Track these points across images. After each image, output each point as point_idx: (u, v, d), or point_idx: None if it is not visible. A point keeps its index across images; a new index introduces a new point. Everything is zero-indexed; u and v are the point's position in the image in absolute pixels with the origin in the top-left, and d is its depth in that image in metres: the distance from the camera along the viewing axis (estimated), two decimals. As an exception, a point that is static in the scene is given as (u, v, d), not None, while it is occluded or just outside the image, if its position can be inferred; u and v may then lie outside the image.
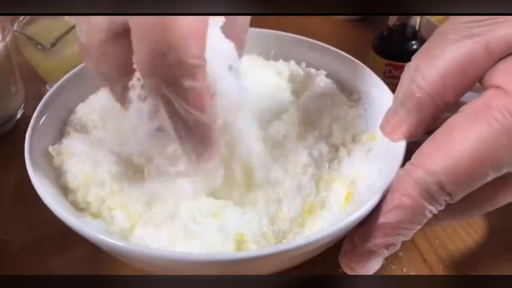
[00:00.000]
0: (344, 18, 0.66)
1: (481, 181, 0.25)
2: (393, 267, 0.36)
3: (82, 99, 0.37)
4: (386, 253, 0.27)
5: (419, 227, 0.26)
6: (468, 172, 0.24)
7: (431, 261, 0.36)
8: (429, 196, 0.25)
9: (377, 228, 0.26)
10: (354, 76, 0.38)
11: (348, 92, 0.39)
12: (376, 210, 0.26)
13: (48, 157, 0.32)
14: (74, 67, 0.37)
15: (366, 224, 0.27)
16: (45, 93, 0.35)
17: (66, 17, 0.50)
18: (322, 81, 0.39)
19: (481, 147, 0.24)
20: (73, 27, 0.46)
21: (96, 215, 0.30)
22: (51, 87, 0.51)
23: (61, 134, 0.35)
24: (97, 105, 0.36)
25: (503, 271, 0.36)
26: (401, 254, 0.36)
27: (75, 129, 0.35)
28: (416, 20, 0.46)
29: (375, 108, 0.36)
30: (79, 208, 0.30)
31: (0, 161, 0.44)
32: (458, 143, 0.24)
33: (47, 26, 0.49)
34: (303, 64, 0.41)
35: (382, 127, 0.30)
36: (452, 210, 0.27)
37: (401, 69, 0.47)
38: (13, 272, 0.35)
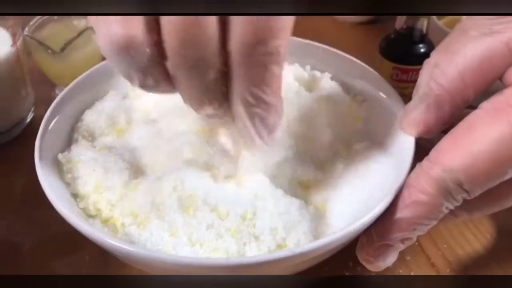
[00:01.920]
0: (351, 21, 0.66)
1: (499, 180, 0.25)
2: (401, 271, 0.36)
3: (90, 105, 0.38)
4: (402, 247, 0.27)
5: (435, 222, 0.26)
6: (486, 171, 0.24)
7: (438, 265, 0.36)
8: (447, 193, 0.25)
9: (394, 224, 0.26)
10: (361, 80, 0.38)
11: (353, 94, 0.39)
12: (392, 206, 0.26)
13: (58, 163, 0.33)
14: (84, 71, 0.38)
15: (383, 219, 0.27)
16: (55, 97, 0.36)
17: (75, 22, 0.51)
18: (327, 83, 0.39)
19: (500, 146, 0.23)
20: (82, 31, 0.47)
21: (106, 221, 0.30)
22: (60, 91, 0.52)
23: (69, 140, 0.35)
24: (104, 111, 0.37)
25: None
26: (408, 258, 0.36)
27: (83, 135, 0.35)
28: (423, 24, 0.46)
29: (383, 111, 0.36)
30: (89, 214, 0.31)
31: (10, 164, 0.44)
32: (478, 141, 0.24)
33: (57, 31, 0.49)
34: (308, 67, 0.41)
35: (400, 123, 0.30)
36: (468, 206, 0.27)
37: (408, 72, 0.48)
38: (21, 274, 0.35)
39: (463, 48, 0.26)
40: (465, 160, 0.24)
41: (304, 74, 0.40)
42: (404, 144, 0.30)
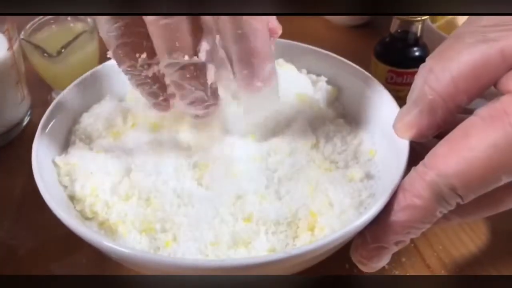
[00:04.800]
0: (345, 24, 0.67)
1: (493, 186, 0.25)
2: (396, 272, 0.36)
3: (87, 108, 0.38)
4: (396, 249, 0.28)
5: (429, 226, 0.27)
6: (480, 177, 0.24)
7: (434, 266, 0.36)
8: (441, 198, 0.25)
9: (388, 227, 0.27)
10: (356, 83, 0.39)
11: (349, 97, 0.39)
12: (387, 209, 0.27)
13: (55, 166, 0.33)
14: (80, 74, 0.38)
15: (377, 221, 0.27)
16: (51, 100, 0.36)
17: (72, 25, 0.51)
18: (323, 87, 0.39)
19: (495, 153, 0.24)
20: (78, 35, 0.47)
21: (103, 224, 0.30)
22: (57, 94, 0.52)
23: (66, 143, 0.35)
24: (101, 114, 0.37)
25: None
26: (404, 259, 0.37)
27: (80, 138, 0.35)
28: (418, 27, 0.46)
29: (377, 114, 0.36)
30: (86, 217, 0.31)
31: (7, 167, 0.44)
32: (472, 148, 0.24)
33: (53, 34, 0.49)
34: (304, 71, 0.41)
35: (394, 126, 0.30)
36: (461, 210, 0.27)
37: (403, 75, 0.48)
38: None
39: (458, 54, 0.26)
40: (459, 166, 0.24)
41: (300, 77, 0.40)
42: (398, 148, 0.30)
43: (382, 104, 0.36)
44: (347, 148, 0.35)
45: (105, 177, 0.31)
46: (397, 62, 0.47)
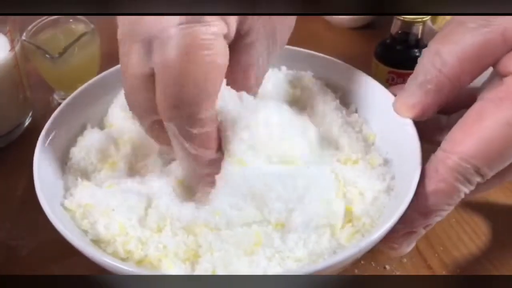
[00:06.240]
0: (346, 26, 0.67)
1: (510, 161, 0.27)
2: (398, 273, 0.36)
3: (72, 141, 0.35)
4: (423, 232, 0.29)
5: (453, 207, 0.28)
6: (500, 155, 0.26)
7: (435, 267, 0.36)
8: (464, 179, 0.27)
9: (416, 213, 0.28)
10: (356, 84, 0.38)
11: (345, 95, 0.39)
12: (414, 196, 0.28)
13: (65, 209, 0.31)
14: (82, 75, 0.38)
15: (406, 208, 0.28)
16: (53, 102, 0.36)
17: (73, 26, 0.51)
18: (310, 82, 0.39)
19: (510, 130, 0.26)
20: (80, 36, 0.47)
21: (141, 262, 0.29)
22: (58, 95, 0.52)
23: (66, 158, 0.34)
24: (91, 147, 0.34)
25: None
26: (405, 260, 0.37)
27: (76, 176, 0.33)
28: (418, 28, 0.46)
29: (379, 114, 0.36)
30: (122, 258, 0.29)
31: (8, 168, 0.45)
32: (489, 128, 0.26)
33: (55, 36, 0.50)
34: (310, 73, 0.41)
35: (396, 107, 0.32)
36: (476, 188, 0.28)
37: (404, 76, 0.48)
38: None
39: (462, 38, 0.28)
40: (479, 146, 0.26)
41: (289, 73, 0.40)
42: (403, 128, 0.31)
43: (383, 105, 0.35)
44: (359, 136, 0.35)
45: (128, 212, 0.29)
46: (398, 63, 0.48)
